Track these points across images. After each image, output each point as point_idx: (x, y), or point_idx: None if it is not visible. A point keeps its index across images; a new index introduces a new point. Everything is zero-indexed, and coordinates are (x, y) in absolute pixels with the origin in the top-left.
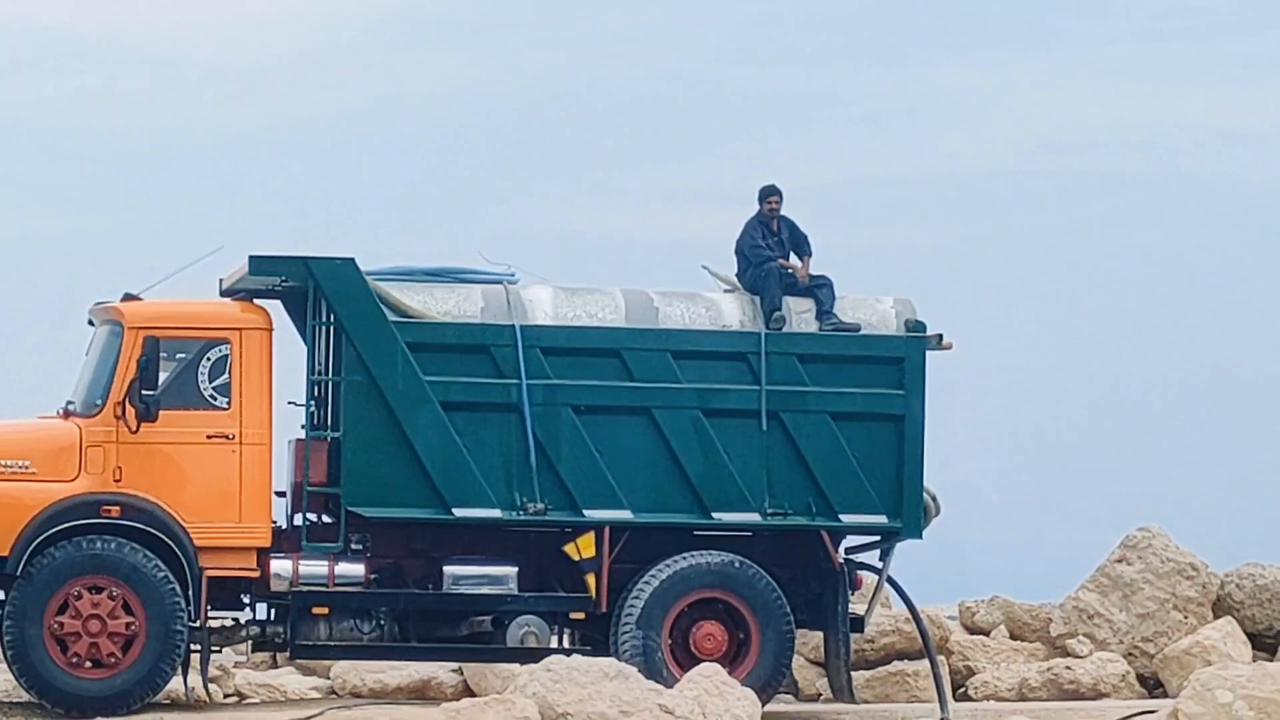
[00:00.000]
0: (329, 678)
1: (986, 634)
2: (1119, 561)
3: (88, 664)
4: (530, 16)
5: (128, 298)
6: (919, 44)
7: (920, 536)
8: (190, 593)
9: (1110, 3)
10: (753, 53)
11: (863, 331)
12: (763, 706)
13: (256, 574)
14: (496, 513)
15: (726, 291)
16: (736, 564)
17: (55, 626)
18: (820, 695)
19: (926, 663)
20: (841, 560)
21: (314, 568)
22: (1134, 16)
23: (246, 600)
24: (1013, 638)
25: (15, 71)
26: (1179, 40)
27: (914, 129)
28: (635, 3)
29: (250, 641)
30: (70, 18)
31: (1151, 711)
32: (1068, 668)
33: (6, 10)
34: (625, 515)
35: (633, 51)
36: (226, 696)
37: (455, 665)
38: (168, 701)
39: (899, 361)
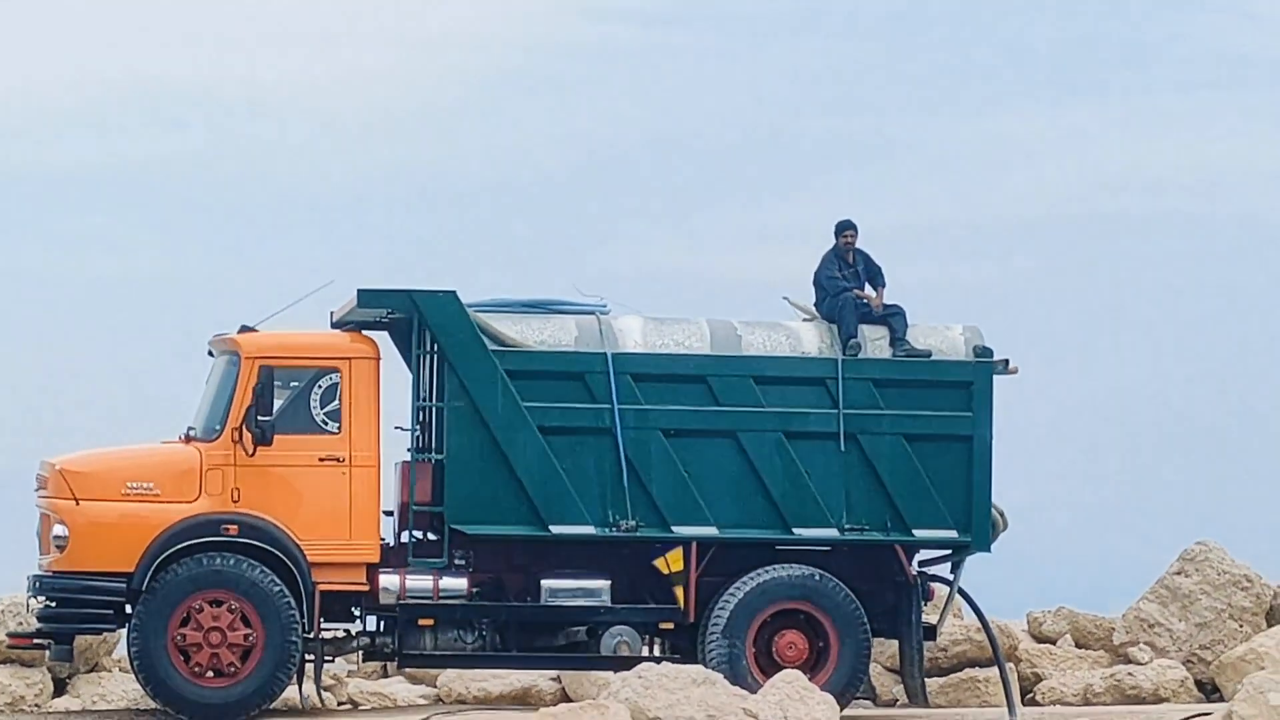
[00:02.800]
0: (436, 686)
1: (1053, 642)
2: (1178, 574)
3: (209, 673)
4: (623, 74)
5: (244, 330)
6: (982, 96)
7: (989, 550)
8: (304, 606)
9: (1159, 54)
10: (828, 104)
11: (933, 357)
12: (841, 711)
13: (366, 588)
14: (591, 529)
15: (805, 320)
16: (816, 577)
17: (178, 638)
18: (896, 700)
19: (996, 669)
20: (915, 573)
21: (420, 582)
22: (1182, 68)
23: (357, 613)
24: (1078, 646)
25: (137, 128)
26: (1224, 89)
27: (978, 174)
28: (720, 58)
29: (360, 651)
30: (199, 75)
31: (1208, 714)
32: (1130, 674)
33: (144, 70)
34: (712, 531)
35: (717, 103)
36: (340, 704)
37: (554, 673)
38: (284, 709)
39: (968, 385)
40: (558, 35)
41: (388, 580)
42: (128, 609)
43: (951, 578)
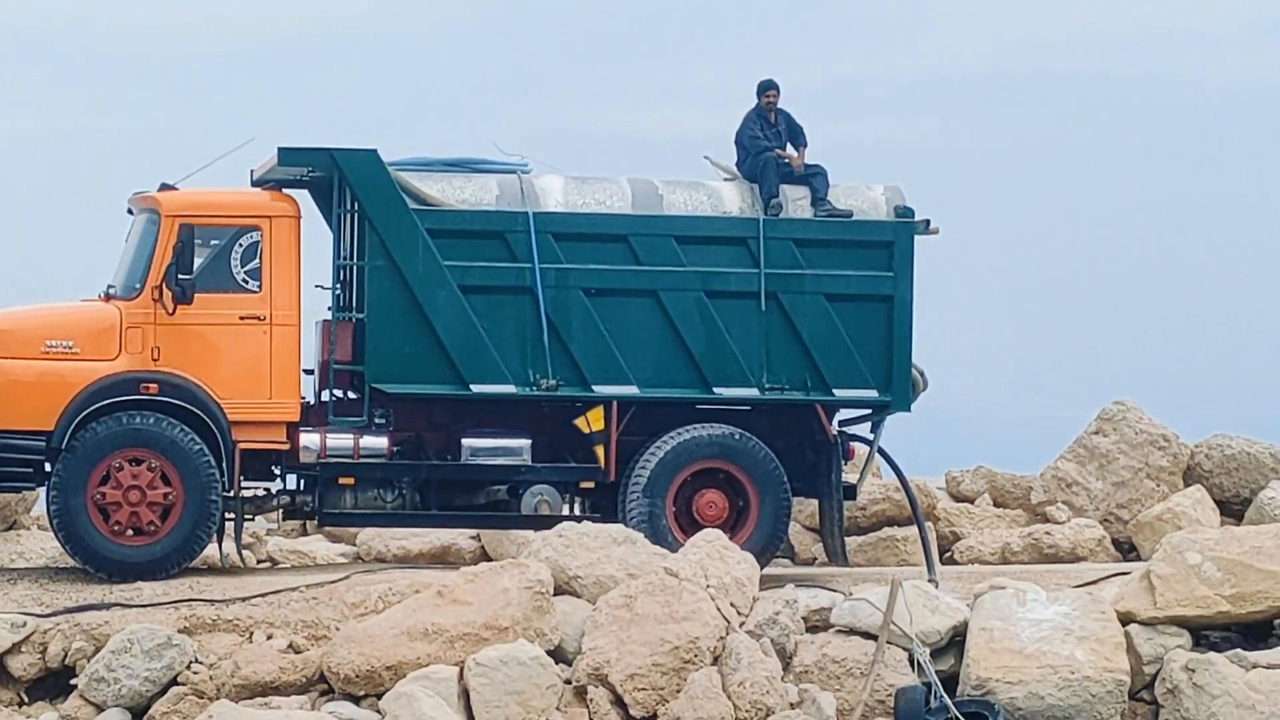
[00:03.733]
0: (355, 544)
1: (971, 502)
2: (1095, 433)
3: (129, 532)
4: None
5: (164, 188)
6: None
7: (909, 410)
8: (224, 465)
9: None
10: None
11: (854, 217)
12: (761, 569)
13: (286, 447)
14: (511, 388)
15: (727, 180)
16: (737, 435)
17: (98, 496)
18: (815, 559)
19: (915, 528)
20: (835, 432)
21: (340, 440)
22: None
23: (277, 471)
24: (996, 505)
25: None
26: None
27: (900, 32)
28: None
29: (281, 510)
30: None
31: (1125, 573)
32: (1047, 533)
33: None
34: (632, 390)
35: None
36: (259, 562)
37: (473, 532)
38: (204, 567)
39: (889, 245)
40: None
41: (308, 439)
42: (47, 467)
43: (871, 437)
